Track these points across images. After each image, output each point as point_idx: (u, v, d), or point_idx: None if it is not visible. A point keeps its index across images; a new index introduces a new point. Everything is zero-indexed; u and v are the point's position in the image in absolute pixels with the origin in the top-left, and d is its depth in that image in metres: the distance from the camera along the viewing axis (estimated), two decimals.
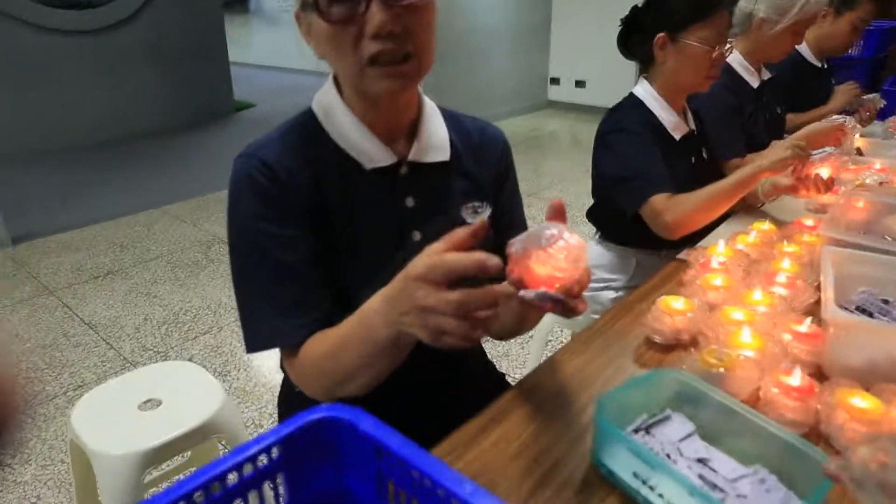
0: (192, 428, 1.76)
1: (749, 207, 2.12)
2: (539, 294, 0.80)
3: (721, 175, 1.91)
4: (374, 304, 0.86)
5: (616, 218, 1.95)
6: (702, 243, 1.85)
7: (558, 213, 0.86)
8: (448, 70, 7.22)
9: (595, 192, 2.16)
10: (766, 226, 1.78)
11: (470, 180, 1.21)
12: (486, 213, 1.27)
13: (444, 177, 1.17)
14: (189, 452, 2.18)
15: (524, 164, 6.19)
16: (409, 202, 1.14)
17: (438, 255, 0.76)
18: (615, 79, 7.26)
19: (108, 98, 6.93)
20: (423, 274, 0.76)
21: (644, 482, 0.89)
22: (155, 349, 3.25)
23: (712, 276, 1.46)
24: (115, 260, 4.30)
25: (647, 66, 1.99)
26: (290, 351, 1.05)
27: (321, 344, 1.00)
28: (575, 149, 6.95)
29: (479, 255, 0.75)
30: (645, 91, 1.95)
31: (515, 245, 0.82)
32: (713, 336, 1.26)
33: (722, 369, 1.10)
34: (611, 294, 2.13)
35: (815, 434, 1.04)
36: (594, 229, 2.26)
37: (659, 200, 1.80)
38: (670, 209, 1.78)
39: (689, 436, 1.01)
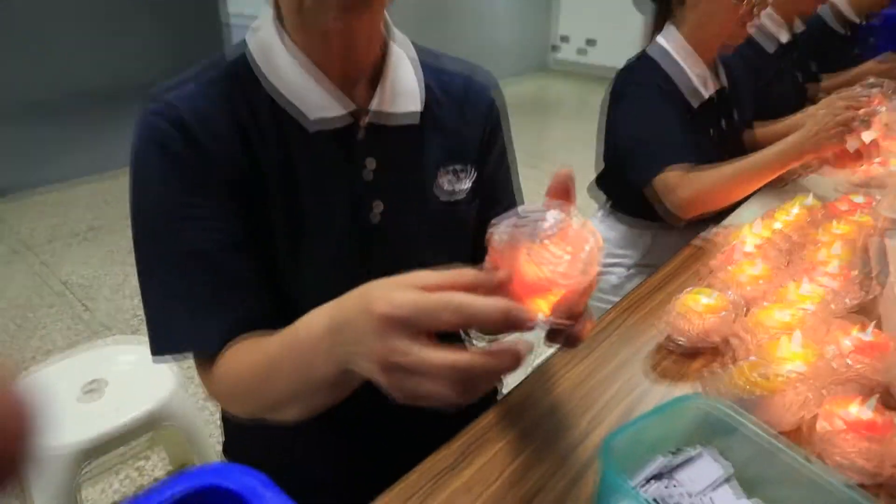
0: (136, 417, 1.59)
1: (778, 179, 1.84)
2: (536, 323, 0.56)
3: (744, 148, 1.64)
4: (317, 327, 0.61)
5: (629, 186, 1.69)
6: (729, 220, 1.59)
7: (564, 190, 0.62)
8: (448, 28, 6.86)
9: (605, 159, 1.89)
10: (810, 201, 1.51)
11: (449, 139, 0.97)
12: (469, 181, 1.04)
13: (416, 134, 0.94)
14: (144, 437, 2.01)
15: (526, 129, 5.91)
16: (370, 167, 0.89)
17: (434, 292, 0.53)
18: (628, 39, 6.89)
19: (99, 50, 6.66)
20: (406, 319, 0.51)
21: None
22: (132, 312, 3.10)
23: (747, 263, 1.20)
24: (98, 217, 4.14)
25: (668, 14, 1.72)
26: (204, 360, 0.82)
27: (245, 356, 0.77)
28: (582, 113, 6.61)
29: (505, 304, 0.52)
30: (670, 40, 1.67)
31: (500, 229, 0.57)
32: (750, 343, 1.00)
33: (760, 392, 0.85)
34: (620, 273, 1.88)
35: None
36: (597, 204, 1.99)
37: (674, 174, 1.54)
38: (685, 185, 1.53)
39: (723, 481, 0.77)
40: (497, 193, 1.05)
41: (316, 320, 0.61)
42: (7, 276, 3.40)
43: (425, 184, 0.94)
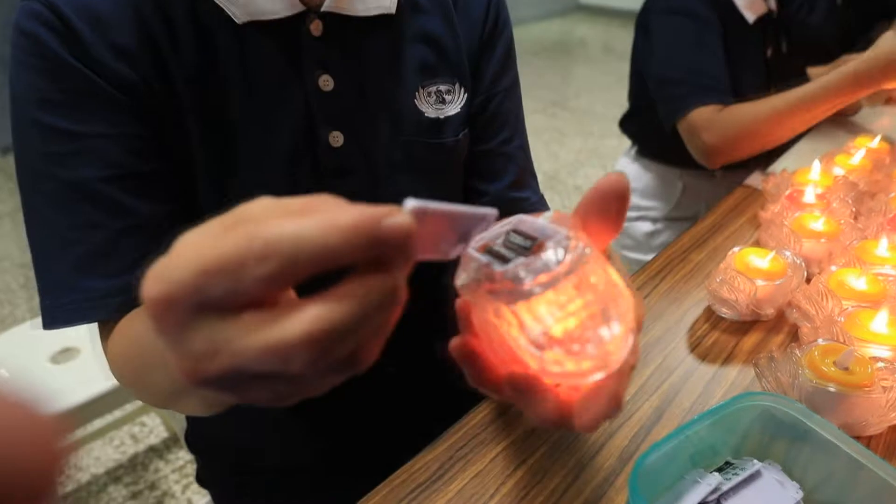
0: (113, 387, 1.43)
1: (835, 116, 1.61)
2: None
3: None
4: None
5: (658, 127, 1.47)
6: (777, 164, 1.36)
7: (597, 208, 0.37)
8: None
9: (632, 95, 1.67)
10: (877, 143, 1.28)
11: (433, 47, 0.76)
12: (457, 104, 0.83)
13: (388, 41, 0.73)
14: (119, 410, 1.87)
15: (550, 71, 5.54)
16: (325, 83, 0.68)
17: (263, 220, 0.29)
18: None
19: None
20: (190, 296, 0.27)
21: None
22: None
23: (807, 216, 0.98)
24: None
25: None
26: (104, 330, 0.64)
27: (123, 333, 0.59)
28: (606, 56, 6.19)
29: (363, 214, 0.29)
30: None
31: (470, 261, 0.35)
32: (817, 318, 0.80)
33: (838, 388, 0.65)
34: (646, 226, 1.67)
35: None
36: (628, 143, 1.77)
37: (702, 113, 1.33)
38: (714, 126, 1.31)
39: None
40: (496, 124, 0.83)
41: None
42: (13, 234, 3.22)
43: (400, 107, 0.73)
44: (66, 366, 1.44)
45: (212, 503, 0.98)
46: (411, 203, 0.31)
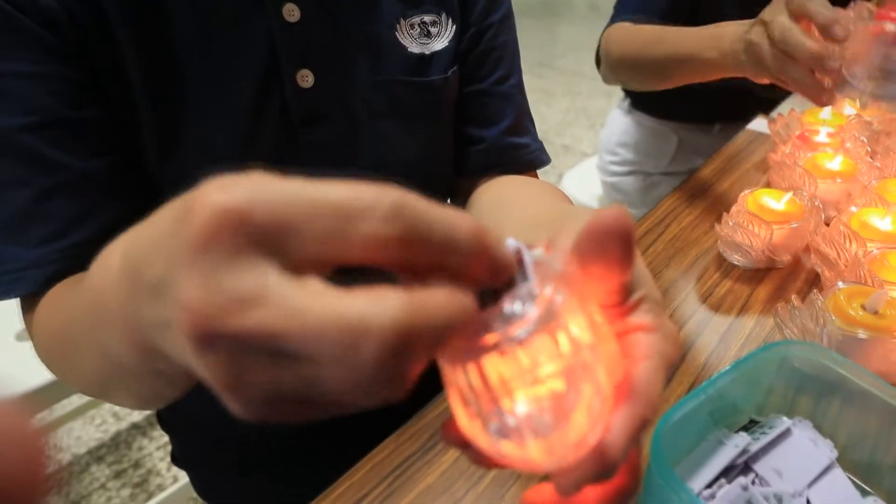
0: None
1: None
2: None
3: None
4: (111, 266, 0.29)
5: None
6: (783, 106, 1.29)
7: (594, 251, 0.29)
8: None
9: None
10: None
11: None
12: (445, 38, 0.75)
13: None
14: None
15: (536, 31, 5.44)
16: (290, 12, 0.60)
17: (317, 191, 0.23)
18: None
19: None
20: (264, 218, 0.22)
21: None
22: None
23: (821, 156, 0.91)
24: None
25: None
26: (27, 304, 0.55)
27: (50, 310, 0.51)
28: (592, 14, 6.05)
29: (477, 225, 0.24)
30: None
31: None
32: (839, 262, 0.74)
33: (867, 333, 0.59)
34: (639, 181, 1.60)
35: None
36: (616, 102, 1.68)
37: (620, 27, 1.19)
38: (617, 40, 1.16)
39: (825, 471, 0.52)
40: (490, 60, 0.74)
41: (113, 253, 0.30)
42: None
43: (379, 42, 0.65)
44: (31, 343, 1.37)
45: None
46: (513, 243, 0.27)
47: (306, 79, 0.61)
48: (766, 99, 1.34)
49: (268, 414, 0.24)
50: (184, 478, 1.53)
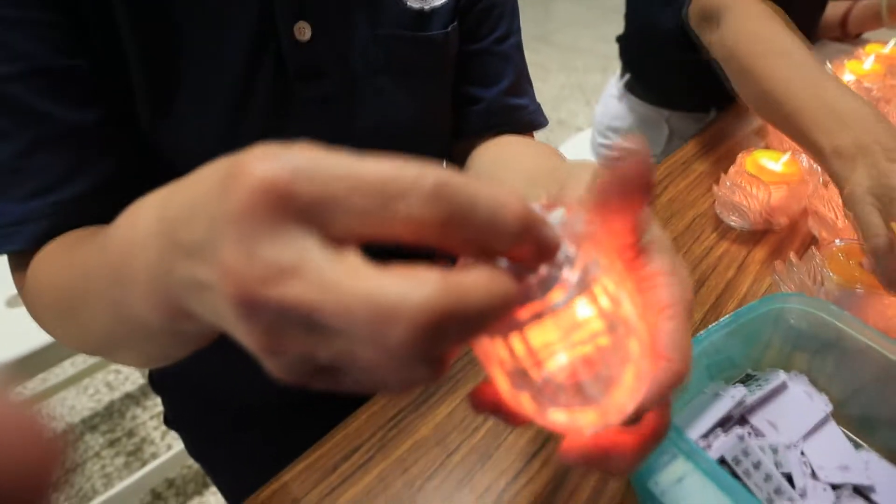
0: None
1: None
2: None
3: None
4: (141, 225, 0.29)
5: (650, 57, 1.36)
6: None
7: (617, 199, 0.28)
8: None
9: (629, 17, 1.54)
10: (889, 49, 1.20)
11: None
12: None
13: None
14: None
15: (532, 6, 5.40)
16: None
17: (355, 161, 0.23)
18: None
19: None
20: (308, 193, 0.22)
21: None
22: None
23: None
24: None
25: None
26: (16, 261, 0.53)
27: (52, 266, 0.49)
28: None
29: (523, 204, 0.23)
30: None
31: None
32: (837, 222, 0.73)
33: (863, 287, 0.59)
34: None
35: None
36: (612, 78, 1.65)
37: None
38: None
39: (820, 425, 0.52)
40: (491, 18, 0.73)
41: (143, 211, 0.30)
42: None
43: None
44: (23, 309, 1.36)
45: None
46: (536, 208, 0.25)
47: (304, 31, 0.59)
48: None
49: (302, 380, 0.25)
50: (177, 445, 1.54)
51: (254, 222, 0.21)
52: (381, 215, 0.22)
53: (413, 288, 0.21)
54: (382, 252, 0.23)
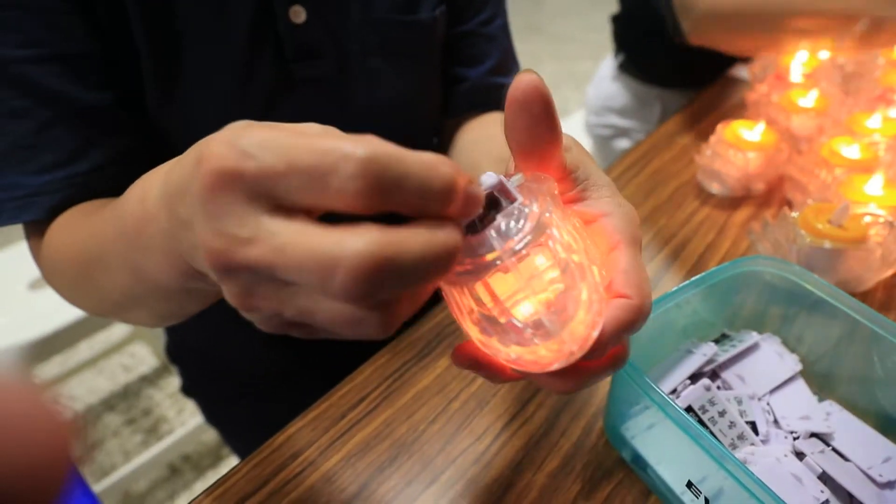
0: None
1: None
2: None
3: None
4: (151, 196, 0.33)
5: (645, 36, 1.40)
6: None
7: (529, 111, 0.32)
8: None
9: None
10: (863, 25, 1.24)
11: None
12: None
13: None
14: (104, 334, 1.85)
15: None
16: None
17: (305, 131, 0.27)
18: None
19: None
20: (256, 173, 0.25)
21: (698, 495, 0.45)
22: None
23: (796, 92, 0.95)
24: None
25: None
26: (32, 231, 0.58)
27: (69, 234, 0.52)
28: None
29: (431, 158, 0.26)
30: None
31: None
32: (810, 186, 0.78)
33: (833, 244, 0.64)
34: (624, 143, 1.63)
35: None
36: (604, 65, 1.69)
37: None
38: None
39: (788, 381, 0.57)
40: (475, 2, 0.76)
41: (151, 185, 0.34)
42: None
43: None
44: (45, 292, 1.41)
45: (204, 422, 0.96)
46: (493, 175, 0.30)
47: (298, 14, 0.62)
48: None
49: (280, 331, 0.29)
50: (191, 422, 1.59)
51: (215, 202, 0.25)
52: (315, 189, 0.24)
53: (353, 239, 0.23)
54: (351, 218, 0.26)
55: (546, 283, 0.29)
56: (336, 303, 0.25)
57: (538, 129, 0.32)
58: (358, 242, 0.23)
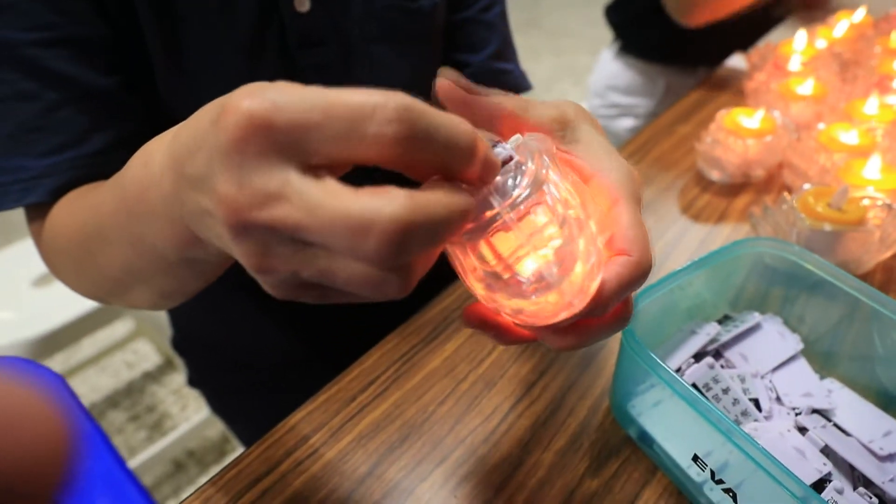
0: (98, 307, 1.41)
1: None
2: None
3: None
4: (155, 162, 0.33)
5: (641, 18, 1.42)
6: (759, 43, 1.34)
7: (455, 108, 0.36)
8: None
9: None
10: (861, 16, 1.25)
11: None
12: None
13: None
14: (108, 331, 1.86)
15: None
16: None
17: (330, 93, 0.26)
18: None
19: None
20: (287, 125, 0.25)
21: (704, 468, 0.46)
22: None
23: (794, 81, 0.96)
24: None
25: None
26: (34, 215, 0.57)
27: (71, 213, 0.52)
28: None
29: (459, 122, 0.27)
30: None
31: None
32: (809, 172, 0.79)
33: (832, 226, 0.65)
34: (628, 122, 1.64)
35: None
36: (602, 58, 1.71)
37: None
38: None
39: (789, 360, 0.58)
40: None
41: (155, 150, 0.34)
42: None
43: None
44: (49, 289, 1.42)
45: (210, 414, 0.97)
46: (489, 136, 0.32)
47: (303, 3, 0.63)
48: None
49: (292, 295, 0.29)
50: (195, 418, 1.60)
51: (242, 154, 0.25)
52: (351, 137, 0.24)
53: (385, 203, 0.24)
54: (362, 179, 0.27)
55: (545, 237, 0.30)
56: (360, 264, 0.25)
57: (473, 114, 0.34)
58: (392, 205, 0.24)
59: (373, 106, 0.24)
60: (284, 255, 0.26)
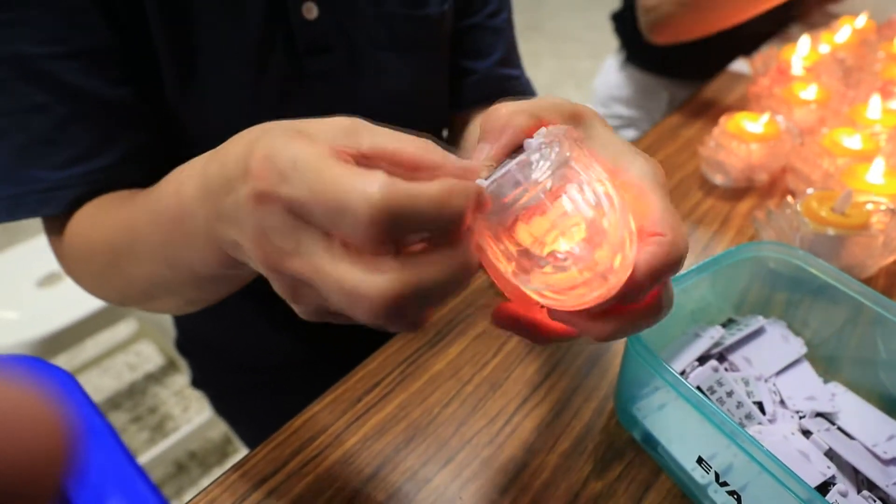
0: (102, 308, 1.40)
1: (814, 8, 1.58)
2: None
3: None
4: (189, 187, 0.36)
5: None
6: (763, 48, 1.34)
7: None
8: None
9: None
10: (863, 22, 1.26)
11: None
12: None
13: None
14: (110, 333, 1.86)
15: None
16: None
17: (368, 157, 0.31)
18: None
19: None
20: (294, 202, 0.28)
21: (708, 470, 0.47)
22: None
23: (798, 85, 0.97)
24: None
25: None
26: (52, 225, 0.58)
27: (99, 222, 0.53)
28: None
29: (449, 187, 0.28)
30: None
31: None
32: (812, 176, 0.79)
33: (836, 231, 0.65)
34: (631, 133, 1.64)
35: None
36: (604, 63, 1.71)
37: None
38: None
39: (793, 364, 0.58)
40: None
41: (189, 175, 0.37)
42: None
43: None
44: (53, 289, 1.42)
45: (213, 415, 0.97)
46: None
47: (311, 10, 0.63)
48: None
49: (322, 319, 0.33)
50: (197, 419, 1.60)
51: (261, 213, 0.29)
52: (332, 225, 0.27)
53: (375, 281, 0.27)
54: None
55: (578, 213, 0.31)
56: (364, 312, 0.28)
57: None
58: (381, 283, 0.27)
59: (352, 202, 0.26)
60: (309, 295, 0.31)
